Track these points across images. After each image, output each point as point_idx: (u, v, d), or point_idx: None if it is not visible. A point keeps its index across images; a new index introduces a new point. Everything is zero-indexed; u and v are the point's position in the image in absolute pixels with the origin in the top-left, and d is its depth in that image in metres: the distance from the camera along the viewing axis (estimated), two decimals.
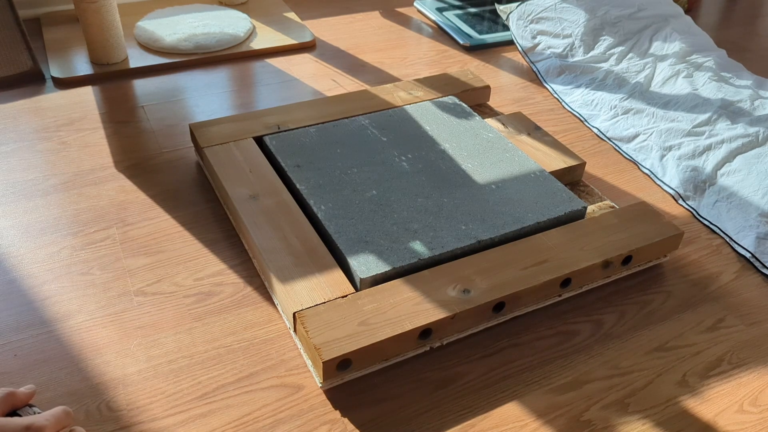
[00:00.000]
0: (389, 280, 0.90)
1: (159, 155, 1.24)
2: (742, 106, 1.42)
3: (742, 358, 0.92)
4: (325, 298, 0.87)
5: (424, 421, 0.81)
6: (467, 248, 0.97)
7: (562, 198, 1.06)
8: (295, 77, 1.52)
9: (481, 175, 1.11)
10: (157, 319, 0.92)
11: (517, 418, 0.82)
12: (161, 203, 1.12)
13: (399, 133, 1.20)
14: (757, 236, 1.11)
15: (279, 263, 0.92)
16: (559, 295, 0.97)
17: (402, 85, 1.37)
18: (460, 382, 0.86)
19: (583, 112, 1.45)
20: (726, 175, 1.25)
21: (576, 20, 1.66)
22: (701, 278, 1.05)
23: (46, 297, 0.94)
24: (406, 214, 1.01)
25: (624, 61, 1.59)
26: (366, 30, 1.77)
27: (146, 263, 1.00)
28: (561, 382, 0.87)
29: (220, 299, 0.95)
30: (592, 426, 0.81)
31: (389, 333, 0.82)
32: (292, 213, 1.01)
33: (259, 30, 1.69)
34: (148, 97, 1.41)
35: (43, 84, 1.43)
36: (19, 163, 1.20)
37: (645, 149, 1.33)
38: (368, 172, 1.10)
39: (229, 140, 1.16)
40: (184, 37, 1.57)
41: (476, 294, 0.89)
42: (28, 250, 1.01)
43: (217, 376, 0.85)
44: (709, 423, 0.83)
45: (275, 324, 0.92)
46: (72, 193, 1.13)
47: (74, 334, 0.88)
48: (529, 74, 1.60)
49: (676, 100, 1.45)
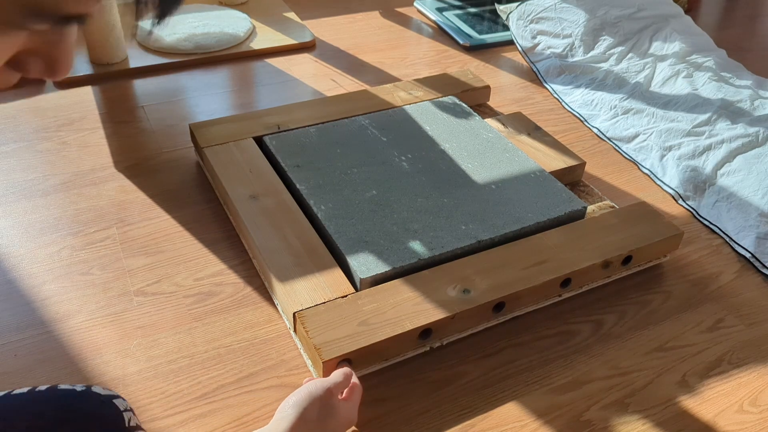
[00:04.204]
0: (389, 280, 0.90)
1: (159, 155, 1.24)
2: (742, 106, 1.42)
3: (742, 358, 0.92)
4: (325, 298, 0.87)
5: (424, 421, 0.81)
6: (467, 248, 0.97)
7: (562, 198, 1.06)
8: (295, 77, 1.52)
9: (481, 175, 1.11)
10: (157, 319, 0.92)
11: (517, 418, 0.82)
12: (161, 203, 1.12)
13: (399, 133, 1.20)
14: (757, 236, 1.11)
15: (279, 263, 0.92)
16: (559, 295, 0.97)
17: (402, 85, 1.37)
18: (460, 382, 0.86)
19: (583, 112, 1.45)
20: (726, 175, 1.25)
21: (576, 20, 1.66)
22: (701, 278, 1.05)
23: (46, 297, 0.94)
24: (406, 214, 1.01)
25: (624, 61, 1.59)
26: (366, 30, 1.77)
27: (146, 263, 1.00)
28: (561, 382, 0.87)
29: (220, 299, 0.95)
30: (592, 426, 0.81)
31: (389, 333, 0.82)
32: (292, 213, 1.01)
33: (259, 30, 1.69)
34: (148, 97, 1.41)
35: (43, 84, 1.43)
36: (19, 163, 1.20)
37: (645, 149, 1.33)
38: (368, 172, 1.09)
39: (229, 140, 1.16)
40: (183, 37, 1.57)
41: (476, 294, 0.89)
42: (28, 250, 1.01)
43: (217, 376, 0.85)
44: (709, 423, 0.83)
45: (275, 324, 0.92)
46: (72, 193, 1.13)
47: (74, 334, 0.88)
48: (529, 74, 1.60)
49: (676, 100, 1.45)
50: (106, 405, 0.54)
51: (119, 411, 0.55)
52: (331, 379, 0.73)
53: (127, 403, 0.56)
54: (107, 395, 0.55)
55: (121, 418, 0.55)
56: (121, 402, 0.56)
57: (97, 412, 0.54)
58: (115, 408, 0.55)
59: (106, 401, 0.55)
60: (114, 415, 0.54)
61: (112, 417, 0.54)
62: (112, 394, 0.56)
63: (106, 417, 0.54)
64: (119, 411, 0.55)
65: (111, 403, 0.55)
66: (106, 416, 0.54)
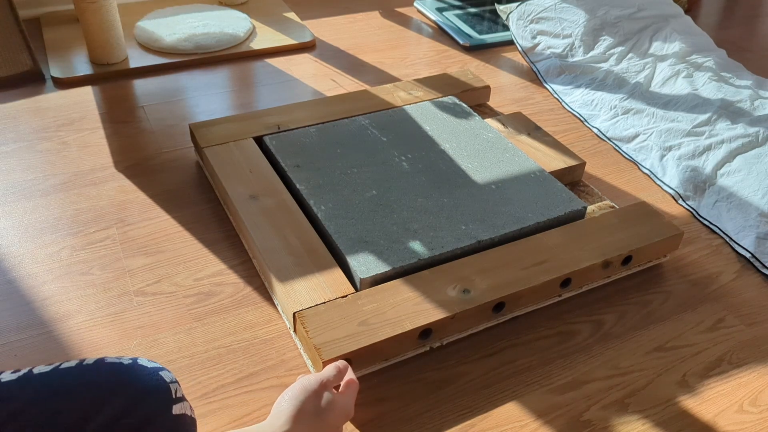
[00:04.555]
0: (389, 280, 0.90)
1: (159, 155, 1.24)
2: (742, 106, 1.42)
3: (742, 358, 0.92)
4: (325, 298, 0.87)
5: (424, 421, 0.81)
6: (467, 248, 0.97)
7: (562, 198, 1.06)
8: (295, 77, 1.52)
9: (481, 175, 1.11)
10: (157, 319, 0.92)
11: (517, 418, 0.82)
12: (161, 203, 1.12)
13: (399, 133, 1.20)
14: (757, 236, 1.11)
15: (279, 263, 0.92)
16: (559, 295, 0.97)
17: (402, 85, 1.37)
18: (460, 382, 0.86)
19: (583, 112, 1.45)
20: (726, 175, 1.25)
21: (576, 20, 1.66)
22: (701, 278, 1.05)
23: (46, 297, 0.94)
24: (406, 214, 1.01)
25: (624, 61, 1.59)
26: (366, 30, 1.77)
27: (146, 263, 1.00)
28: (561, 382, 0.87)
29: (220, 299, 0.95)
30: (592, 426, 0.81)
31: (389, 333, 0.82)
32: (292, 213, 1.01)
33: (259, 30, 1.69)
34: (148, 97, 1.41)
35: (43, 84, 1.43)
36: (19, 163, 1.20)
37: (645, 149, 1.33)
38: (368, 172, 1.09)
39: (229, 140, 1.16)
40: (184, 37, 1.57)
41: (476, 294, 0.89)
42: (28, 250, 1.01)
43: (217, 376, 0.85)
44: (709, 423, 0.83)
45: (275, 324, 0.92)
46: (72, 193, 1.13)
47: (74, 334, 0.88)
48: (529, 74, 1.60)
49: (676, 100, 1.45)
50: (154, 377, 0.56)
51: (166, 383, 0.56)
52: (324, 373, 0.74)
53: (173, 374, 0.57)
54: (154, 367, 0.57)
55: (169, 390, 0.56)
56: (167, 374, 0.57)
57: (147, 384, 0.55)
58: (162, 380, 0.56)
59: (153, 373, 0.56)
60: (162, 387, 0.56)
61: (161, 389, 0.56)
62: (158, 367, 0.58)
63: (156, 389, 0.55)
64: (166, 383, 0.56)
65: (158, 375, 0.56)
66: (155, 389, 0.55)
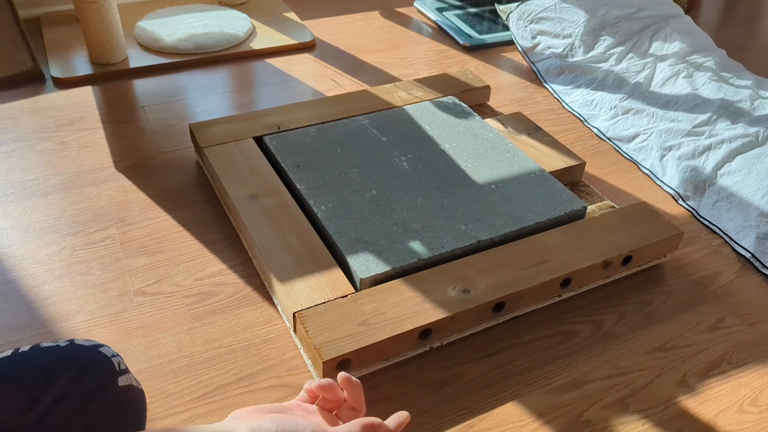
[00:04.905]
0: (389, 280, 0.90)
1: (159, 155, 1.24)
2: (742, 106, 1.42)
3: (742, 358, 0.92)
4: (325, 298, 0.87)
5: (424, 421, 0.81)
6: (467, 248, 0.97)
7: (562, 198, 1.06)
8: (295, 77, 1.52)
9: (481, 175, 1.11)
10: (157, 319, 0.92)
11: (517, 418, 0.82)
12: (161, 203, 1.12)
13: (399, 133, 1.20)
14: (757, 236, 1.11)
15: (279, 263, 0.92)
16: (559, 295, 0.97)
17: (402, 85, 1.37)
18: (460, 382, 0.86)
19: (583, 112, 1.45)
20: (726, 175, 1.25)
21: (576, 20, 1.66)
22: (701, 278, 1.05)
23: (46, 297, 0.94)
24: (406, 214, 1.01)
25: (624, 61, 1.59)
26: (366, 30, 1.77)
27: (146, 263, 1.00)
28: (561, 382, 0.87)
29: (220, 299, 0.95)
30: (592, 426, 0.81)
31: (389, 333, 0.82)
32: (292, 213, 1.01)
33: (259, 30, 1.69)
34: (148, 97, 1.41)
35: (43, 84, 1.43)
36: (19, 163, 1.20)
37: (645, 149, 1.33)
38: (368, 172, 1.09)
39: (229, 140, 1.16)
40: (184, 37, 1.57)
41: (476, 294, 0.89)
42: (28, 250, 1.01)
43: (217, 376, 0.85)
44: (709, 423, 0.83)
45: (275, 324, 0.92)
46: (72, 193, 1.13)
47: (74, 334, 0.88)
48: (529, 74, 1.60)
49: (676, 100, 1.45)
50: (94, 352, 0.56)
51: (107, 357, 0.56)
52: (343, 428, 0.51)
53: (113, 349, 0.58)
54: (92, 344, 0.57)
55: (111, 363, 0.56)
56: (107, 349, 0.58)
57: (88, 360, 0.55)
58: (103, 354, 0.56)
59: (92, 349, 0.56)
60: (105, 361, 0.56)
61: (103, 363, 0.56)
62: (97, 344, 0.58)
63: (98, 364, 0.55)
64: (107, 357, 0.56)
65: (98, 351, 0.56)
66: (97, 363, 0.55)
